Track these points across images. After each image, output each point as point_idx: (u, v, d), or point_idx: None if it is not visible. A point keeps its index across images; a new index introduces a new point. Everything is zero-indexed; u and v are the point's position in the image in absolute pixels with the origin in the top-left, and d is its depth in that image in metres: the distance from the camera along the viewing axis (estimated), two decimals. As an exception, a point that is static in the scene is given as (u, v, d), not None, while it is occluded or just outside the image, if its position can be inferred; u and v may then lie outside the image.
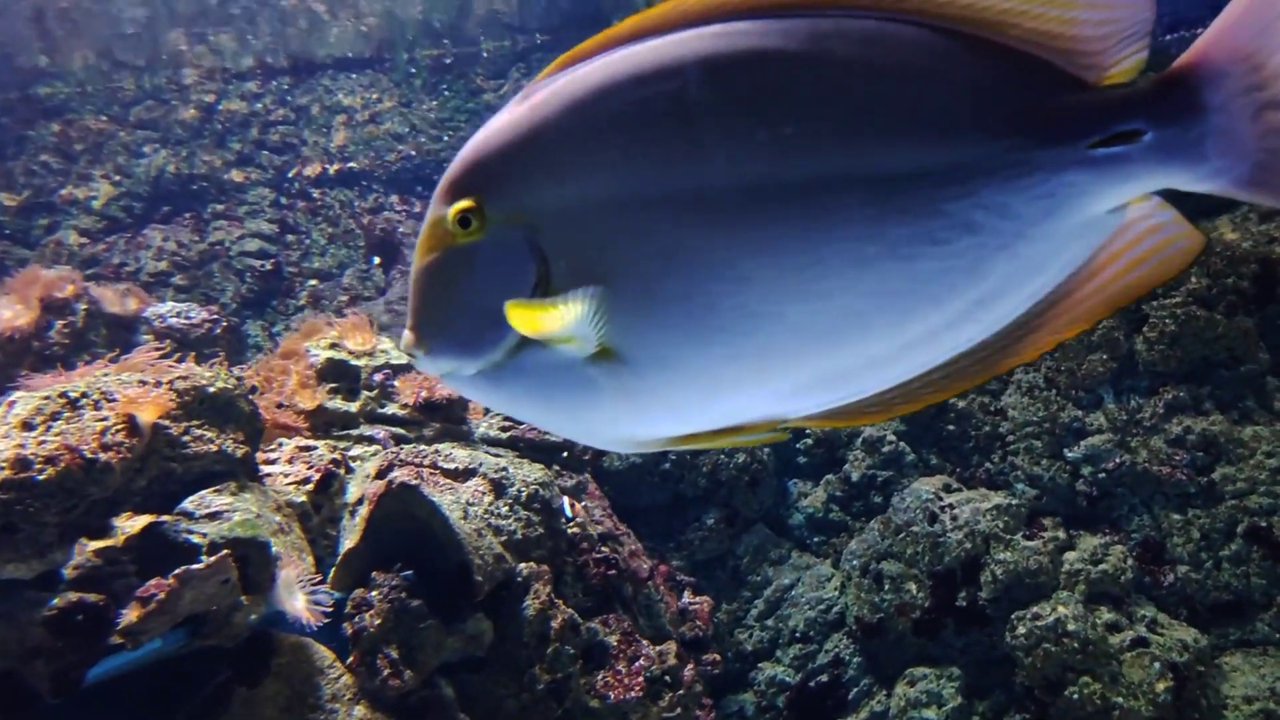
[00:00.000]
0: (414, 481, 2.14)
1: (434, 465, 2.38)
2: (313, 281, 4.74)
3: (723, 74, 0.85)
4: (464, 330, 0.94)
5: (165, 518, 2.09)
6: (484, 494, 2.33)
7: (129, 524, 2.04)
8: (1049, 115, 0.83)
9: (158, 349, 2.45)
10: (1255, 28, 0.81)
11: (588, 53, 0.92)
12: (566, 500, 2.63)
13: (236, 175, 4.90)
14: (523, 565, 2.32)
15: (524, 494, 2.43)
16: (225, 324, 3.67)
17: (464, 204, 0.92)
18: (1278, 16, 0.81)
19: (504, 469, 2.46)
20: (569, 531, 2.58)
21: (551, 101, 0.90)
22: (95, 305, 3.58)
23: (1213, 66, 0.82)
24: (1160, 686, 3.33)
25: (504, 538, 2.32)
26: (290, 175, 4.92)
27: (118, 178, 4.78)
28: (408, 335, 0.98)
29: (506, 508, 2.39)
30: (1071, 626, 3.42)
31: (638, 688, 2.32)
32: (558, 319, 0.86)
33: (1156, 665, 3.37)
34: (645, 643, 2.42)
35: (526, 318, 0.87)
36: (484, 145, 0.94)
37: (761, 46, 0.85)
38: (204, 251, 4.72)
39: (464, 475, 2.39)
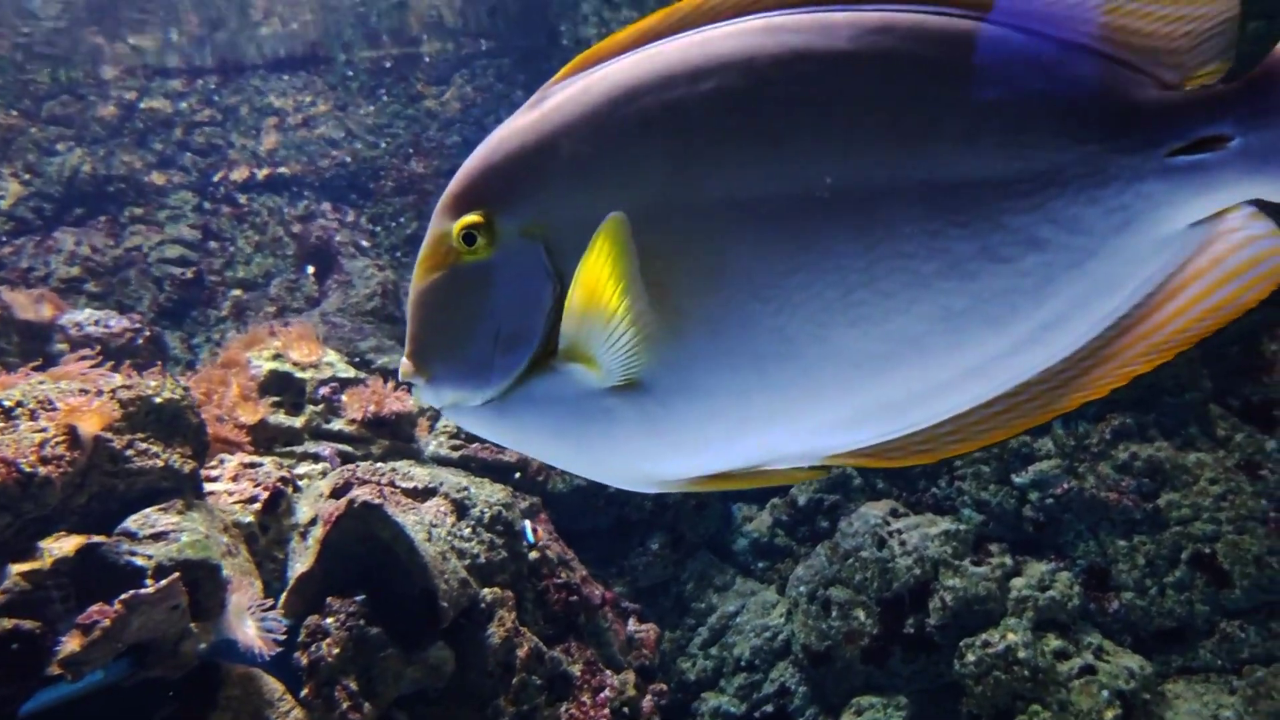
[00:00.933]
0: (377, 501, 2.04)
1: (392, 484, 2.28)
2: (236, 291, 4.57)
3: (759, 74, 0.78)
4: (471, 357, 0.87)
5: (99, 538, 1.95)
6: (446, 515, 2.24)
7: (58, 545, 1.91)
8: (1124, 120, 0.76)
9: (87, 358, 2.31)
10: None
11: (606, 53, 0.86)
12: (528, 523, 2.55)
13: (157, 178, 4.71)
14: (486, 591, 2.23)
15: (487, 515, 2.34)
16: (148, 334, 3.50)
17: (471, 218, 0.86)
18: None
19: (465, 488, 2.37)
20: (530, 556, 2.49)
21: (570, 106, 0.85)
22: (6, 311, 3.39)
23: None
24: (1109, 715, 3.37)
25: (467, 561, 2.23)
26: (215, 179, 4.75)
27: (27, 176, 4.56)
28: (406, 363, 0.91)
29: (469, 530, 2.30)
30: (1022, 654, 3.45)
31: (604, 719, 2.25)
32: (618, 312, 0.79)
33: (1105, 693, 3.41)
34: (609, 673, 2.35)
35: (594, 290, 0.78)
36: (493, 154, 0.87)
37: (801, 44, 0.78)
38: (119, 257, 4.52)
39: (424, 495, 2.29)
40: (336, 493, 2.19)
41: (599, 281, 0.78)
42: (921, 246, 0.75)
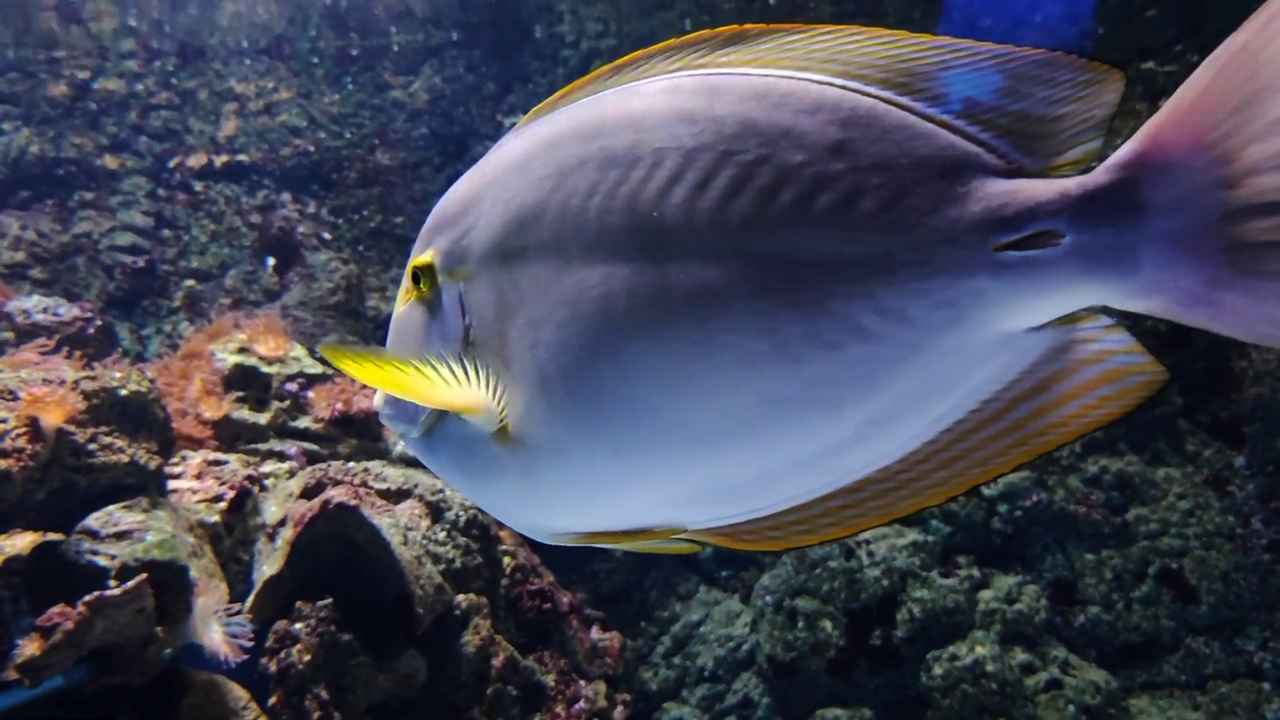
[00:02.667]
0: (353, 502, 1.98)
1: (365, 484, 2.22)
2: (190, 282, 4.46)
3: (630, 137, 0.79)
4: None
5: (56, 536, 1.87)
6: (421, 518, 2.19)
7: (10, 542, 1.83)
8: (957, 208, 0.71)
9: (43, 347, 2.23)
10: (1228, 106, 0.67)
11: (558, 99, 0.89)
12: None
13: (110, 161, 4.57)
14: (461, 597, 2.18)
15: (462, 518, 2.29)
16: (100, 323, 3.39)
17: (419, 259, 0.91)
18: (1262, 90, 0.66)
19: (440, 490, 2.31)
20: (504, 562, 2.44)
21: (497, 157, 0.89)
22: (-51, 296, 3.26)
23: (1164, 155, 0.68)
24: (1075, 729, 3.38)
25: (442, 566, 2.18)
26: (171, 165, 4.63)
27: (-29, 156, 4.41)
28: (378, 394, 0.97)
29: (444, 533, 2.25)
30: (990, 667, 3.46)
31: (579, 731, 2.20)
32: (419, 387, 0.83)
33: (1071, 708, 3.43)
34: (582, 683, 2.30)
35: (386, 378, 0.83)
36: (446, 198, 0.92)
37: (677, 108, 0.78)
38: (67, 243, 4.39)
39: (399, 496, 2.24)
40: (308, 493, 2.12)
41: (389, 380, 0.83)
42: (750, 325, 0.73)
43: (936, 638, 3.58)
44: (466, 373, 0.85)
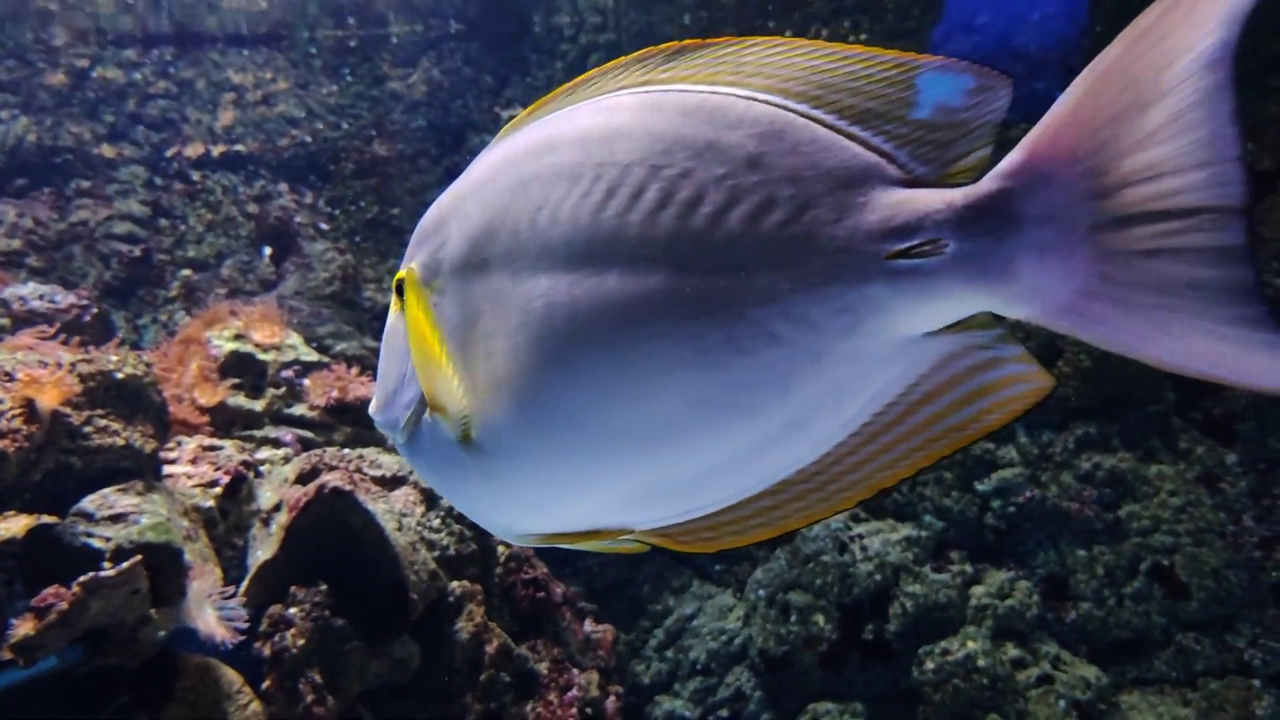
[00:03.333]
0: (348, 487, 1.99)
1: (360, 471, 2.22)
2: (186, 271, 4.45)
3: (578, 152, 0.83)
4: (389, 397, 0.99)
5: (50, 519, 1.87)
6: (415, 504, 2.19)
7: (6, 525, 1.83)
8: (857, 217, 0.74)
9: (42, 333, 2.23)
10: (1100, 119, 0.69)
11: (539, 110, 0.92)
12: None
13: (107, 150, 4.57)
14: (455, 584, 2.18)
15: (457, 506, 2.28)
16: (96, 311, 3.39)
17: (402, 272, 0.96)
18: (1133, 105, 0.68)
19: (435, 478, 2.30)
20: (498, 550, 2.45)
21: (471, 173, 0.94)
22: (-54, 282, 3.25)
23: (1039, 167, 0.71)
24: (1066, 724, 3.40)
25: (436, 553, 2.18)
26: (168, 154, 4.62)
27: (-32, 144, 4.41)
28: (373, 400, 1.03)
29: (439, 520, 2.26)
30: (981, 662, 3.47)
31: (571, 719, 2.21)
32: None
33: (1062, 703, 3.45)
34: (575, 671, 2.31)
35: (427, 342, 0.90)
36: (428, 213, 0.97)
37: (617, 124, 0.83)
38: (64, 232, 4.39)
39: (393, 483, 2.24)
40: (303, 478, 2.12)
41: (414, 336, 0.91)
42: (677, 332, 0.77)
43: (928, 632, 3.59)
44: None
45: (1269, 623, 3.46)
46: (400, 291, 0.96)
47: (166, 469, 2.20)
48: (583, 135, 0.84)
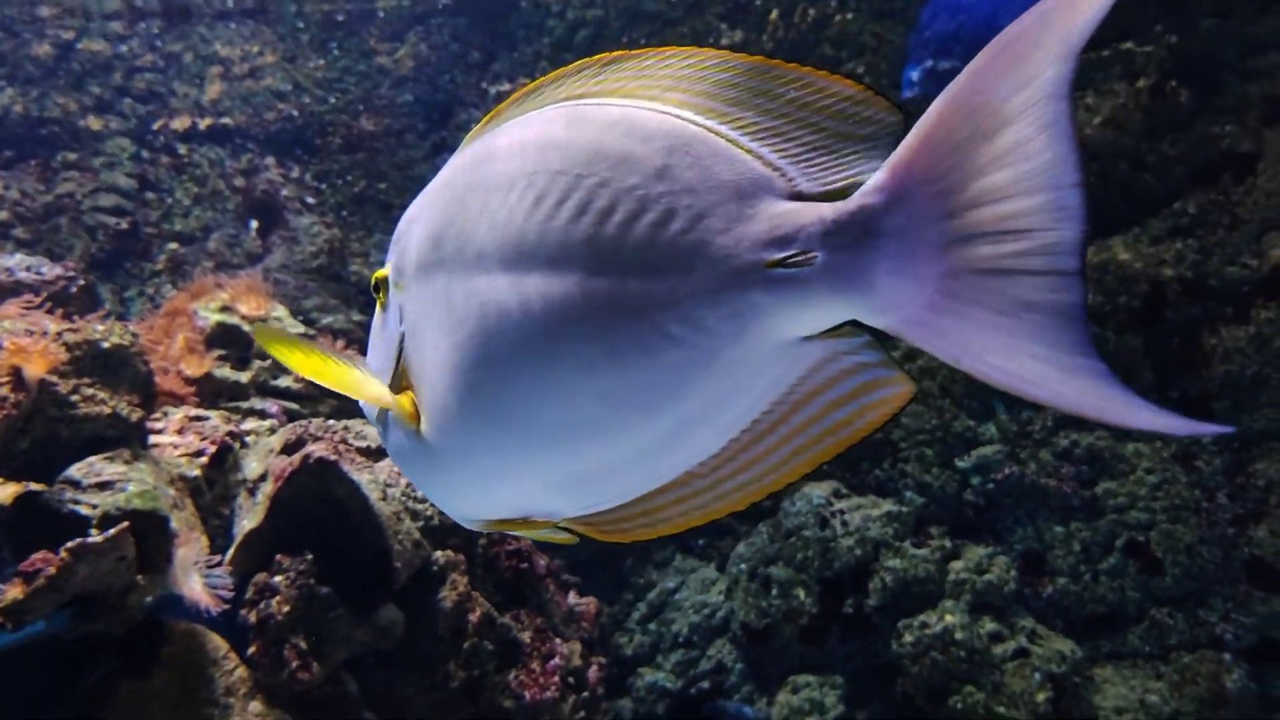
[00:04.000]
0: (333, 457, 2.01)
1: (345, 441, 2.24)
2: (173, 245, 4.45)
3: (515, 161, 0.88)
4: None
5: (38, 486, 1.89)
6: (400, 475, 2.21)
7: (-4, 492, 1.84)
8: (746, 228, 0.79)
9: (29, 302, 2.24)
10: (953, 142, 0.73)
11: (498, 116, 0.97)
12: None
13: (94, 123, 4.55)
14: (439, 553, 2.21)
15: (441, 477, 2.30)
16: (82, 283, 3.39)
17: (380, 271, 1.03)
18: (975, 134, 0.72)
19: (419, 450, 2.32)
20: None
21: (441, 172, 0.99)
22: (-69, 252, 3.25)
23: (898, 186, 0.75)
24: (1040, 697, 3.45)
25: (420, 523, 2.20)
26: (155, 127, 4.60)
27: (-47, 115, 4.38)
28: None
29: (424, 491, 2.28)
30: (959, 635, 3.52)
31: (554, 687, 2.24)
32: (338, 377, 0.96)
33: (1037, 676, 3.49)
34: (558, 640, 2.34)
35: (309, 366, 0.96)
36: (405, 213, 1.03)
37: (548, 135, 0.88)
38: (50, 204, 4.37)
39: (378, 454, 2.26)
40: (289, 448, 2.14)
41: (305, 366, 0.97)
42: (590, 333, 0.82)
43: (907, 606, 3.63)
44: (396, 373, 0.98)
45: (1240, 598, 3.52)
46: (378, 289, 1.04)
47: (153, 439, 2.21)
48: (520, 146, 0.89)
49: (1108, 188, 3.76)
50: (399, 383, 0.99)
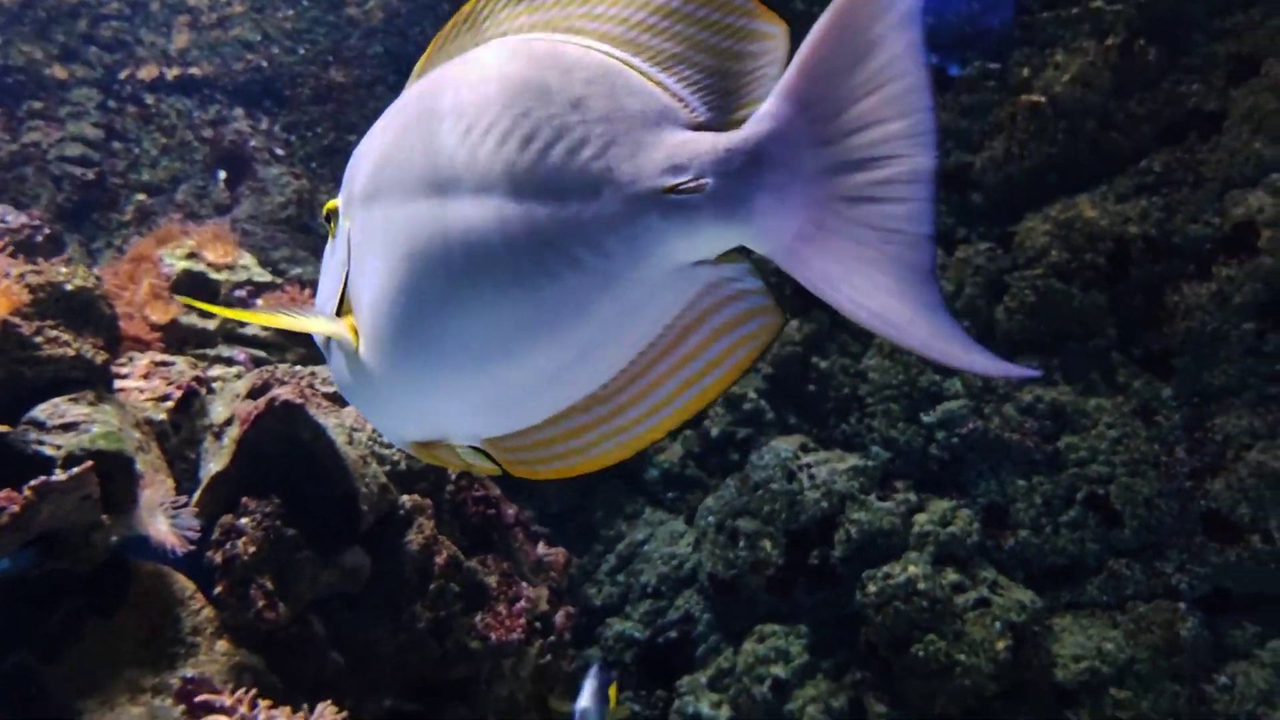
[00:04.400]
0: (299, 400, 2.01)
1: (311, 386, 2.24)
2: (140, 195, 4.40)
3: (446, 93, 0.91)
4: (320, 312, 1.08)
5: (2, 427, 1.88)
6: (366, 420, 2.21)
7: (-43, 434, 1.84)
8: (648, 155, 0.81)
9: (-8, 245, 2.22)
10: (823, 71, 0.75)
11: (432, 55, 1.00)
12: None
13: (59, 71, 4.47)
14: (405, 498, 2.22)
15: (408, 423, 2.31)
16: (48, 231, 3.36)
17: (331, 202, 1.06)
18: (846, 61, 0.74)
19: (386, 396, 2.33)
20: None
21: (390, 105, 1.01)
22: (-106, 199, 3.20)
23: (779, 115, 0.77)
24: (1000, 645, 3.52)
25: (387, 468, 2.22)
26: (122, 77, 4.54)
27: (-85, 62, 4.31)
28: None
29: (391, 436, 2.28)
30: (922, 585, 3.57)
31: (520, 629, 2.27)
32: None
33: (997, 625, 3.56)
34: (524, 584, 2.36)
35: (254, 315, 1.04)
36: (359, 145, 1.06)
37: (480, 67, 0.90)
38: (15, 153, 4.31)
39: (344, 399, 2.25)
40: (255, 393, 2.14)
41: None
42: (504, 257, 0.84)
43: (872, 558, 3.68)
44: (341, 300, 1.01)
45: (1196, 549, 3.58)
46: (329, 219, 1.07)
47: (118, 384, 2.20)
48: (456, 81, 0.91)
49: (1075, 145, 3.79)
50: (343, 310, 1.02)
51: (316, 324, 1.00)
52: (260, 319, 1.00)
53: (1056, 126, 3.78)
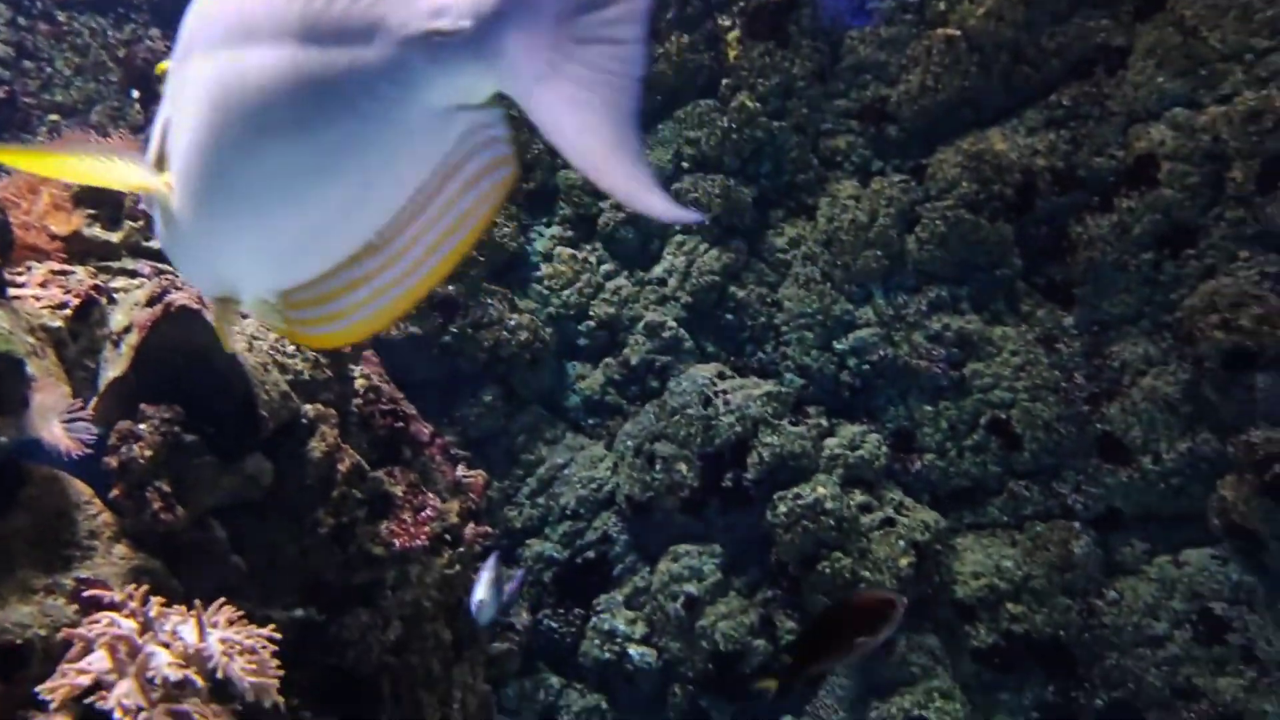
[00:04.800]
0: (196, 306, 2.00)
1: (213, 297, 2.22)
2: (53, 116, 4.29)
3: None
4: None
5: (-108, 333, 1.85)
6: (268, 330, 2.20)
7: None
8: (417, 1, 0.81)
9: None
10: None
11: None
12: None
13: (-35, -14, 4.33)
14: (309, 407, 2.22)
15: (312, 334, 2.30)
16: (-48, 147, 3.25)
17: (162, 64, 1.05)
18: None
19: (290, 307, 2.31)
20: (356, 381, 2.48)
21: None
22: None
23: None
24: (904, 562, 3.62)
25: (290, 376, 2.21)
26: (31, -8, 4.40)
27: None
28: None
29: (294, 346, 2.27)
30: (830, 505, 3.66)
31: (423, 536, 2.29)
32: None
33: (901, 543, 3.66)
34: (430, 495, 2.38)
35: (56, 167, 1.01)
36: None
37: None
38: (-79, 71, 4.18)
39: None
40: (154, 300, 2.12)
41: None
42: (287, 105, 0.85)
43: (783, 480, 3.76)
44: (160, 156, 0.99)
45: (1091, 471, 3.71)
46: (160, 82, 1.05)
47: (14, 292, 2.17)
48: None
49: (989, 78, 3.83)
50: (162, 166, 1.01)
51: (125, 176, 0.99)
52: (74, 174, 1.00)
53: (970, 60, 3.82)
